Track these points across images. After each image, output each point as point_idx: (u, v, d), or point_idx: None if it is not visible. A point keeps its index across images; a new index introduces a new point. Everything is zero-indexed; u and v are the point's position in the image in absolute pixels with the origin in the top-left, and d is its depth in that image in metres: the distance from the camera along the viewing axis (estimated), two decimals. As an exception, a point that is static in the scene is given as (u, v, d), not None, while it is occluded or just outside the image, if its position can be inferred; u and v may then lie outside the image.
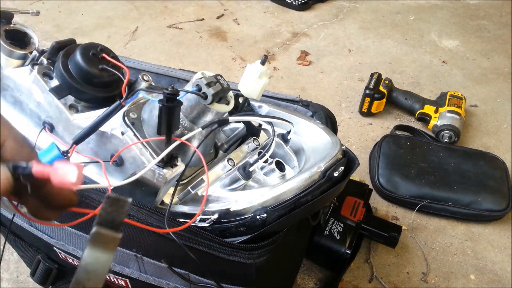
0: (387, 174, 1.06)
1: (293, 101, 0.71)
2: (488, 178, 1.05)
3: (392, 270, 0.92)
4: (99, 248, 0.25)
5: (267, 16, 1.80)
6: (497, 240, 0.99)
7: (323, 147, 0.59)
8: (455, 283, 0.90)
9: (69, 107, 0.59)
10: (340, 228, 0.84)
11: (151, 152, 0.52)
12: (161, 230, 0.45)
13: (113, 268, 0.65)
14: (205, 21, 1.74)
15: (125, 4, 1.83)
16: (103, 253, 0.25)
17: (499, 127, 1.29)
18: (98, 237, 0.25)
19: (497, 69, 1.53)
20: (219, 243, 0.50)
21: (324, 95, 1.39)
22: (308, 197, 0.51)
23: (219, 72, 0.52)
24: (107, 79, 0.59)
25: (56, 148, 0.53)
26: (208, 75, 0.51)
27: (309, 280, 0.90)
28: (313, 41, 1.65)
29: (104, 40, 1.61)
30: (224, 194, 0.54)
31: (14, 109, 0.66)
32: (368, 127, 1.28)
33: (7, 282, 0.86)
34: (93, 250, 0.25)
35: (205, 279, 0.57)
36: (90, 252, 0.25)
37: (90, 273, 0.25)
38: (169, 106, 0.45)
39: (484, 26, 1.77)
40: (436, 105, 1.26)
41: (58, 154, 0.53)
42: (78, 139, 0.54)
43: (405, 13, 1.83)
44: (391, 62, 1.55)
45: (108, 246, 0.25)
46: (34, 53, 0.63)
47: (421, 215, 1.03)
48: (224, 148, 0.62)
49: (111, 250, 0.25)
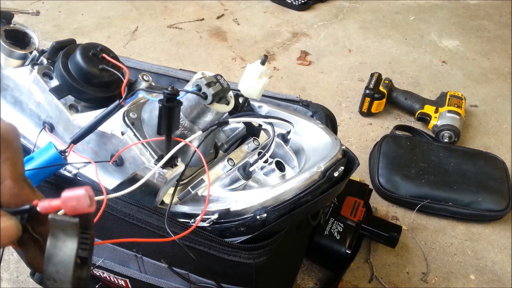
0: (387, 174, 1.06)
1: (293, 101, 0.71)
2: (488, 178, 1.05)
3: (392, 270, 0.92)
4: (59, 236, 0.24)
5: (267, 16, 1.80)
6: (497, 240, 0.99)
7: (323, 147, 0.59)
8: (455, 283, 0.90)
9: (69, 107, 0.59)
10: (340, 228, 0.84)
11: (151, 152, 0.52)
12: (167, 239, 0.44)
13: (113, 268, 0.65)
14: (205, 21, 1.74)
15: (125, 4, 1.83)
16: (64, 241, 0.24)
17: (499, 127, 1.29)
18: (54, 225, 0.24)
19: (497, 69, 1.53)
20: (219, 243, 0.50)
21: (324, 95, 1.39)
22: (308, 197, 0.51)
23: (219, 72, 0.52)
24: (107, 79, 0.59)
25: (54, 147, 0.53)
26: (208, 75, 0.51)
27: (309, 280, 0.90)
28: (313, 41, 1.65)
29: (104, 40, 1.61)
30: (224, 194, 0.54)
31: (14, 109, 0.66)
32: (368, 127, 1.28)
33: (7, 282, 0.86)
34: (53, 239, 0.24)
35: (205, 279, 0.57)
36: (51, 242, 0.24)
37: (56, 264, 0.24)
38: (169, 106, 0.45)
39: (484, 26, 1.77)
40: (436, 105, 1.26)
41: (55, 154, 0.52)
42: (76, 138, 0.54)
43: (405, 13, 1.83)
44: (391, 62, 1.55)
45: (67, 233, 0.24)
46: (34, 53, 0.63)
47: (421, 215, 1.03)
48: (224, 148, 0.62)
49: (71, 236, 0.24)
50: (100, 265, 0.65)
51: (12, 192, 0.27)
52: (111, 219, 0.54)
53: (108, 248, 0.62)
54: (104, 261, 0.65)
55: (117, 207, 0.52)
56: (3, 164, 0.27)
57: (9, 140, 0.27)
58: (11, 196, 0.27)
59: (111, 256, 0.64)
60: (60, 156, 0.53)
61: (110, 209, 0.53)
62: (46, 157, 0.52)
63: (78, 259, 0.24)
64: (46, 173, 0.54)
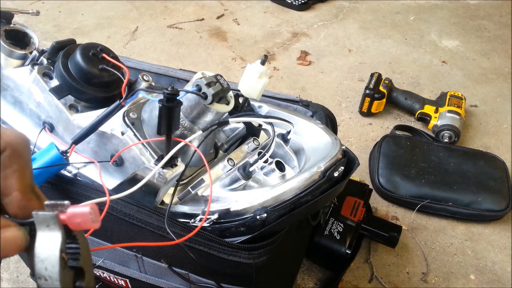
0: (387, 174, 1.06)
1: (293, 101, 0.71)
2: (488, 178, 1.05)
3: (392, 270, 0.92)
4: (44, 232, 0.25)
5: (267, 16, 1.80)
6: (497, 240, 0.99)
7: (323, 147, 0.59)
8: (455, 283, 0.90)
9: (69, 107, 0.59)
10: (340, 228, 0.84)
11: (151, 152, 0.52)
12: (170, 242, 0.44)
13: (113, 268, 0.65)
14: (205, 21, 1.74)
15: (125, 4, 1.83)
16: (48, 235, 0.25)
17: (499, 127, 1.29)
18: (38, 220, 0.25)
19: (497, 69, 1.53)
20: (219, 243, 0.50)
21: (324, 95, 1.39)
22: (308, 197, 0.51)
23: (219, 72, 0.52)
24: (107, 79, 0.59)
25: (55, 148, 0.53)
26: (208, 75, 0.51)
27: (309, 280, 0.90)
28: (313, 41, 1.65)
29: (104, 40, 1.61)
30: (224, 194, 0.54)
31: (14, 109, 0.66)
32: (368, 127, 1.28)
33: (7, 282, 0.86)
34: (39, 235, 0.25)
35: (205, 279, 0.57)
36: (38, 239, 0.25)
37: (44, 260, 0.24)
38: (169, 106, 0.45)
39: (484, 26, 1.77)
40: (436, 105, 1.26)
41: (57, 154, 0.52)
42: (77, 139, 0.54)
43: (405, 13, 1.83)
44: (391, 62, 1.55)
45: (51, 228, 0.25)
46: (34, 53, 0.63)
47: (421, 215, 1.03)
48: (224, 148, 0.62)
49: (54, 230, 0.25)
50: (100, 265, 0.65)
51: (20, 204, 0.27)
52: (111, 219, 0.54)
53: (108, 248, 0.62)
54: (104, 261, 0.65)
55: (117, 207, 0.52)
56: (12, 176, 0.27)
57: (19, 151, 0.27)
58: (19, 208, 0.27)
59: (111, 256, 0.64)
60: (61, 156, 0.53)
61: (110, 209, 0.53)
62: (48, 158, 0.52)
63: (63, 254, 0.25)
64: (48, 174, 0.54)
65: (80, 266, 0.26)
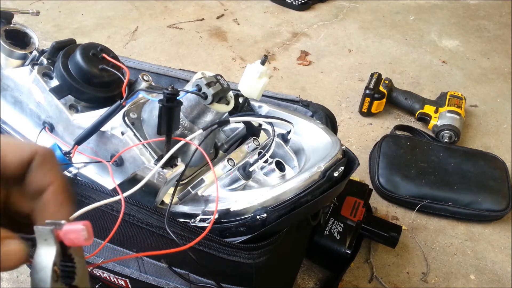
0: (387, 174, 1.06)
1: (293, 101, 0.71)
2: (488, 178, 1.05)
3: (392, 270, 0.92)
4: (42, 245, 0.25)
5: (267, 16, 1.80)
6: (497, 240, 0.99)
7: (323, 147, 0.59)
8: (455, 283, 0.90)
9: (69, 107, 0.59)
10: (340, 228, 0.84)
11: (151, 152, 0.52)
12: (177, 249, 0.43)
13: (113, 268, 0.65)
14: (205, 21, 1.74)
15: (125, 4, 1.83)
16: (44, 249, 0.25)
17: (499, 127, 1.29)
18: (38, 234, 0.25)
19: (497, 69, 1.53)
20: (219, 243, 0.50)
21: (324, 95, 1.39)
22: (308, 197, 0.51)
23: (219, 72, 0.52)
24: (107, 79, 0.59)
25: (58, 149, 0.53)
26: (208, 75, 0.51)
27: (309, 280, 0.90)
28: (313, 41, 1.65)
29: (104, 40, 1.61)
30: (224, 194, 0.54)
31: (14, 109, 0.66)
32: (368, 127, 1.28)
33: (7, 282, 0.86)
34: (38, 248, 0.25)
35: (205, 279, 0.57)
36: (36, 251, 0.25)
37: (39, 272, 0.25)
38: (169, 106, 0.45)
39: (484, 26, 1.77)
40: (436, 105, 1.26)
41: (60, 155, 0.53)
42: (79, 139, 0.54)
43: (405, 13, 1.83)
44: (391, 62, 1.55)
45: (48, 242, 0.25)
46: (34, 53, 0.63)
47: (421, 215, 1.03)
48: (224, 148, 0.62)
49: (50, 244, 0.25)
50: (100, 265, 0.65)
51: (57, 199, 0.28)
52: (111, 219, 0.54)
53: (108, 248, 0.62)
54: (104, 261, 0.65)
55: (117, 207, 0.52)
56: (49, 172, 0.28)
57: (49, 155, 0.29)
58: (56, 204, 0.28)
59: (111, 256, 0.63)
60: (64, 157, 0.53)
61: (110, 209, 0.53)
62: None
63: (56, 267, 0.25)
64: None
65: (75, 285, 0.26)
